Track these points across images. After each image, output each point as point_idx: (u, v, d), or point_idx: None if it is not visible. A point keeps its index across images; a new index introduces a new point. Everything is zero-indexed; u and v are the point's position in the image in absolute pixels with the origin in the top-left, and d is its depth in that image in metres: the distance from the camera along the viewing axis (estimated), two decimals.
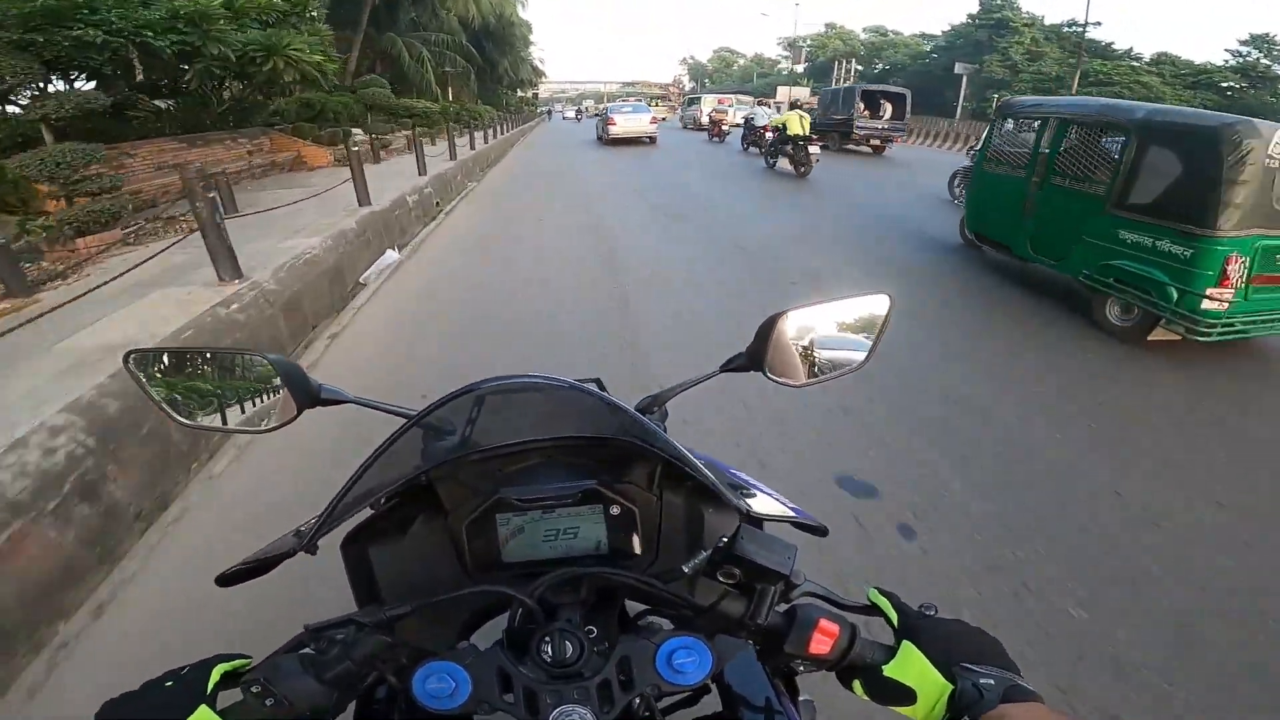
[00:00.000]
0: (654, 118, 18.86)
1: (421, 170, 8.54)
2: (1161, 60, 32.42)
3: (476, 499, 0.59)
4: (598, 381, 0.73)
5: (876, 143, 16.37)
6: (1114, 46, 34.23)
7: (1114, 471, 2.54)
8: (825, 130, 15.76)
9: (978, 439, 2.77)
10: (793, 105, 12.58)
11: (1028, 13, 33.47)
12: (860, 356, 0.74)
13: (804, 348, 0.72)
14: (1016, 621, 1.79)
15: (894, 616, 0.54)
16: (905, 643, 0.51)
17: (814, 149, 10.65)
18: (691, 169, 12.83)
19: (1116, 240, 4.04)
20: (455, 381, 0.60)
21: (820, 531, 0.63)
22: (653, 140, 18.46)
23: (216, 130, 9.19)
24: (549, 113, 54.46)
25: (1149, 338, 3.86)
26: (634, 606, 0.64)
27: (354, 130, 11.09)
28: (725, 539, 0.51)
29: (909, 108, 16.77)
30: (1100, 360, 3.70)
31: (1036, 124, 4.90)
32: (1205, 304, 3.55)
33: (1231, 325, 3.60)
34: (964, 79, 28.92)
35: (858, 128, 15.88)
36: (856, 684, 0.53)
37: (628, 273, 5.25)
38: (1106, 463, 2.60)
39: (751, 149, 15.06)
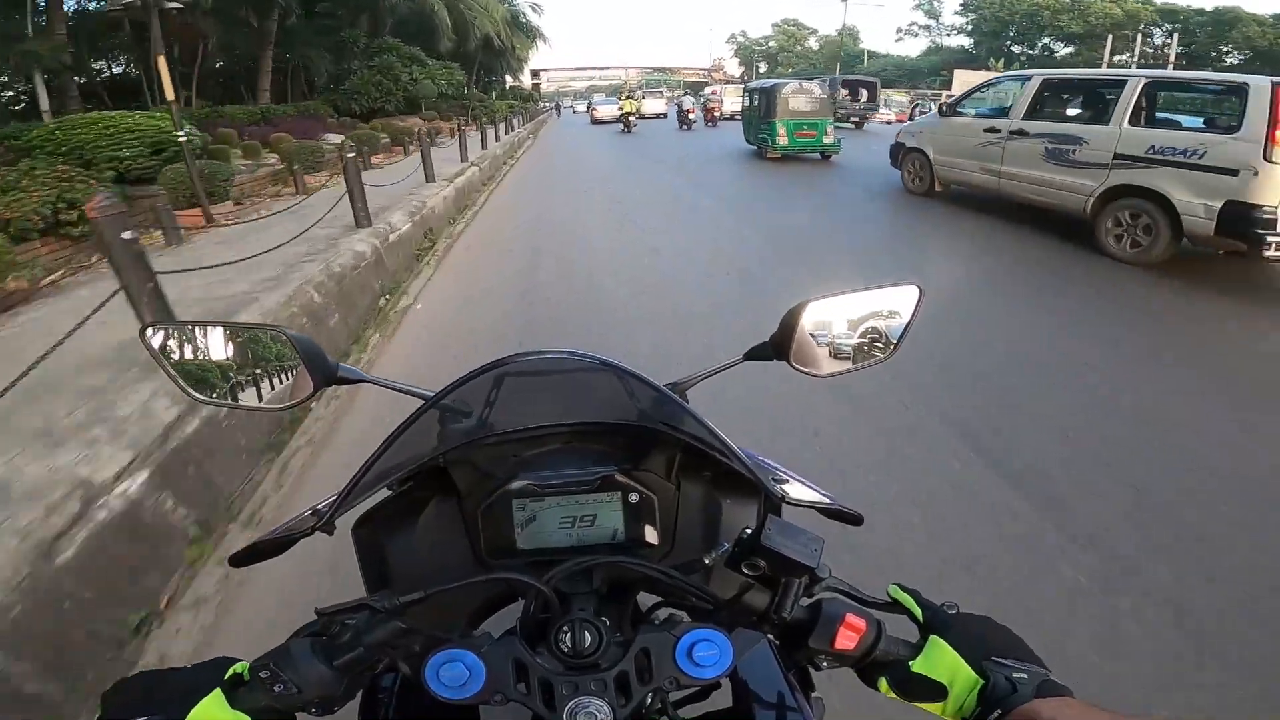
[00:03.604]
0: (619, 106, 28.88)
1: None
2: None
3: (492, 483, 0.59)
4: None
5: (856, 120, 20.84)
6: None
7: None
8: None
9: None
10: (629, 96, 22.60)
11: None
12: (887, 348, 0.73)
13: (829, 337, 0.70)
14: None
15: (919, 612, 0.53)
16: (933, 637, 0.50)
17: (633, 118, 20.92)
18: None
19: (760, 128, 12.29)
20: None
21: (855, 520, 0.61)
22: (620, 120, 29.20)
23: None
24: (557, 107, 53.19)
25: (768, 157, 12.14)
26: (645, 600, 0.63)
27: None
28: (749, 530, 0.49)
29: (879, 93, 22.11)
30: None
31: (747, 92, 13.22)
32: (777, 143, 11.78)
33: (788, 148, 11.83)
34: None
35: (839, 109, 18.52)
36: (882, 681, 0.51)
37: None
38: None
39: (682, 126, 22.62)
